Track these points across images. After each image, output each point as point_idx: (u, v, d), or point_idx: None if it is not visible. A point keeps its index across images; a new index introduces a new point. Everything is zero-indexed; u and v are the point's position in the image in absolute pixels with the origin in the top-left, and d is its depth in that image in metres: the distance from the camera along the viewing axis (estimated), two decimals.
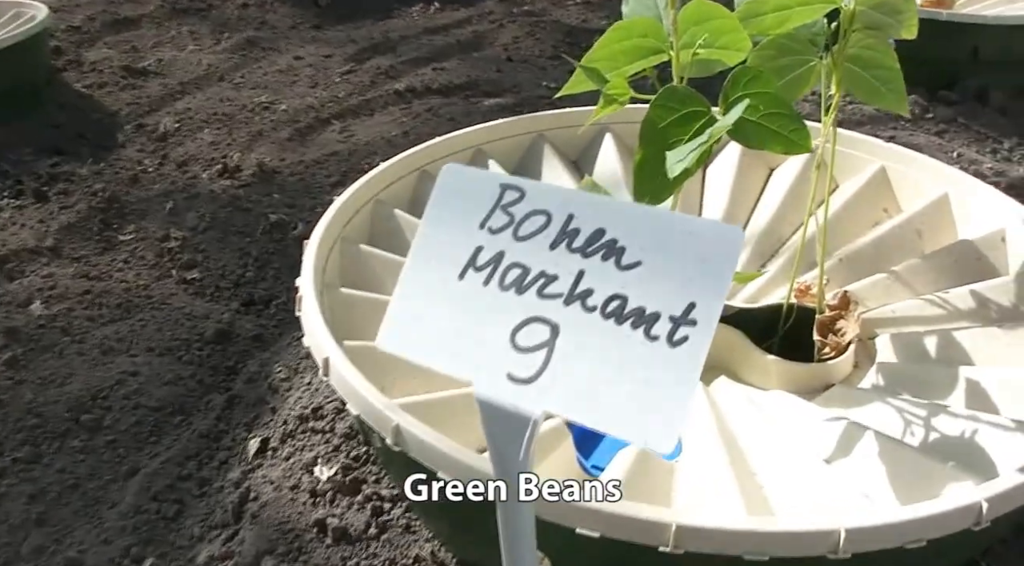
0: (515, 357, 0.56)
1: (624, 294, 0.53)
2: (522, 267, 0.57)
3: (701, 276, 0.51)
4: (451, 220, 0.60)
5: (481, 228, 0.59)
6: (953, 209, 1.31)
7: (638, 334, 0.52)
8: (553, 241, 0.56)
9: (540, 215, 0.57)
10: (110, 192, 1.93)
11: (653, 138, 0.88)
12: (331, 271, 1.14)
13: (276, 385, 1.32)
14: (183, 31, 3.05)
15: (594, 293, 0.54)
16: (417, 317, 0.60)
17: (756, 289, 1.23)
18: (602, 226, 0.55)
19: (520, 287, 0.56)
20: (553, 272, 0.56)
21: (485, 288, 0.58)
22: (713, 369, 1.10)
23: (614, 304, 0.53)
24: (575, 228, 0.55)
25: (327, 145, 2.08)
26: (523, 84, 2.35)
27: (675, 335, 0.51)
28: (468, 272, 0.59)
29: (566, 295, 0.55)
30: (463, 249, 0.59)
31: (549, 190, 0.57)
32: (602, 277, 0.54)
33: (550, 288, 0.55)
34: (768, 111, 0.92)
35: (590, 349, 0.53)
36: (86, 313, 1.60)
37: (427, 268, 0.60)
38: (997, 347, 1.07)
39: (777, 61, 1.11)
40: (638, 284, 0.53)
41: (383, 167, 1.31)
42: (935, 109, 2.30)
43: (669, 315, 0.51)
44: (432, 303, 0.60)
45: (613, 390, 0.52)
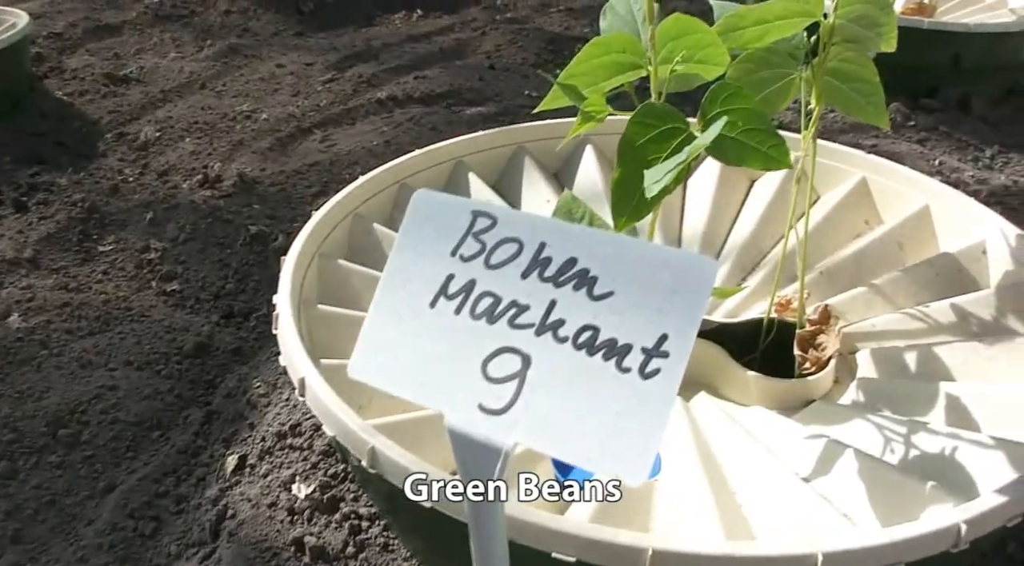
0: (486, 387, 0.55)
1: (596, 325, 0.52)
2: (493, 296, 0.56)
3: (673, 307, 0.50)
4: (422, 247, 0.59)
5: (452, 256, 0.58)
6: (934, 221, 1.31)
7: (610, 366, 0.51)
8: (525, 270, 0.55)
9: (512, 243, 0.56)
10: (90, 202, 1.91)
11: (631, 156, 0.87)
12: (309, 287, 1.13)
13: (255, 400, 1.31)
14: (165, 38, 3.04)
15: (566, 323, 0.53)
16: (388, 345, 0.59)
17: (737, 303, 1.23)
18: (574, 255, 0.54)
19: (491, 316, 0.56)
20: (525, 301, 0.55)
21: (456, 317, 0.57)
22: (693, 385, 1.09)
23: (586, 335, 0.52)
24: (547, 257, 0.55)
25: (308, 155, 2.07)
26: (505, 93, 2.34)
27: (647, 367, 0.50)
28: (439, 300, 0.58)
29: (537, 325, 0.54)
30: (434, 277, 0.58)
31: (521, 217, 0.56)
32: (574, 307, 0.53)
33: (522, 318, 0.55)
34: (747, 127, 0.91)
35: (562, 380, 0.53)
36: (65, 325, 1.59)
37: (398, 296, 0.60)
38: (978, 362, 1.06)
39: (757, 74, 1.10)
40: (610, 315, 0.52)
41: (362, 181, 1.30)
42: (917, 117, 2.30)
43: (641, 347, 0.51)
44: (403, 331, 0.59)
45: (584, 422, 0.51)
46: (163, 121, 2.33)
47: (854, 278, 1.24)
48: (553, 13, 3.08)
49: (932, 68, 2.39)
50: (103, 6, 3.41)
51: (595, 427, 0.51)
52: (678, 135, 0.88)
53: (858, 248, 1.28)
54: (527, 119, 1.57)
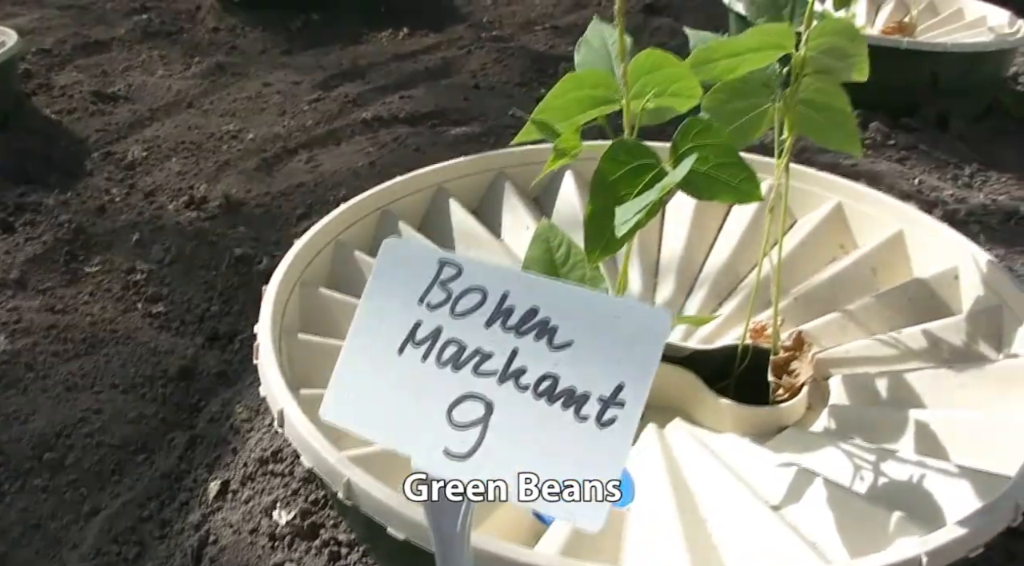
0: (451, 433, 0.57)
1: (556, 374, 0.54)
2: (459, 344, 0.58)
3: (629, 358, 0.52)
4: (391, 294, 0.61)
5: (420, 303, 0.60)
6: (908, 246, 1.33)
7: (568, 414, 0.53)
8: (488, 319, 0.57)
9: (476, 292, 0.58)
10: (77, 223, 1.92)
11: (603, 191, 0.89)
12: (290, 316, 1.15)
13: (237, 426, 1.33)
14: (153, 55, 3.05)
15: (527, 372, 0.55)
16: (359, 389, 0.61)
17: (713, 328, 1.25)
18: (536, 305, 0.56)
19: (456, 364, 0.57)
20: (488, 350, 0.57)
21: (423, 364, 0.59)
22: (669, 411, 1.11)
23: (546, 383, 0.54)
24: (510, 306, 0.57)
25: (293, 176, 2.09)
26: (490, 112, 2.36)
27: (604, 416, 0.52)
28: (407, 347, 0.60)
29: (500, 373, 0.56)
30: (402, 324, 0.60)
31: (485, 268, 0.58)
32: (535, 356, 0.55)
33: (485, 366, 0.57)
34: (718, 161, 0.93)
35: (523, 427, 0.54)
36: (51, 348, 1.60)
37: (368, 341, 0.61)
38: (947, 388, 1.09)
39: (731, 104, 1.12)
40: (569, 364, 0.54)
41: (343, 208, 1.31)
42: (896, 136, 2.32)
43: (598, 396, 0.52)
44: (373, 377, 0.61)
45: (544, 468, 0.53)
46: (150, 140, 2.35)
47: (828, 303, 1.26)
48: (538, 31, 3.10)
49: (911, 87, 2.41)
50: (92, 22, 3.42)
51: (554, 473, 0.53)
52: (649, 171, 0.90)
53: (832, 273, 1.30)
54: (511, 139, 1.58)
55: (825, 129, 1.13)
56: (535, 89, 2.59)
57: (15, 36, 2.49)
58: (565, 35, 3.04)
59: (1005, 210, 2.07)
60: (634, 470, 0.97)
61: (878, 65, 2.52)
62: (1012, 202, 2.12)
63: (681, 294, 1.32)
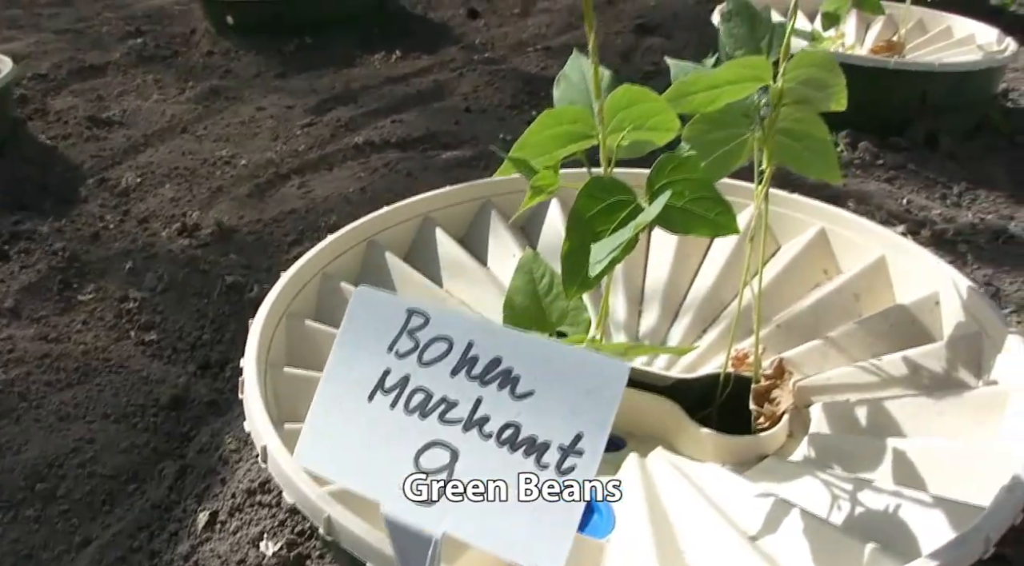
0: (418, 479, 0.58)
1: (518, 422, 0.55)
2: (425, 392, 0.59)
3: (587, 408, 0.53)
4: (362, 342, 0.62)
5: (389, 352, 0.61)
6: (890, 271, 1.34)
7: (529, 462, 0.54)
8: (454, 368, 0.58)
9: (443, 341, 0.59)
10: (71, 251, 1.94)
11: (580, 228, 0.90)
12: (277, 349, 1.16)
13: (226, 456, 1.34)
14: (148, 79, 3.07)
15: (491, 420, 0.56)
16: (331, 436, 0.62)
17: (697, 356, 1.26)
18: (499, 355, 0.57)
19: (424, 411, 0.59)
20: (454, 398, 0.58)
21: (392, 411, 0.60)
22: (652, 440, 1.12)
23: (508, 432, 0.55)
24: (474, 356, 0.58)
25: (286, 202, 2.10)
26: (481, 136, 2.38)
27: (563, 464, 0.53)
28: (377, 394, 0.61)
29: (465, 421, 0.57)
30: (372, 371, 0.61)
31: (451, 317, 0.60)
32: (498, 405, 0.56)
33: (451, 413, 0.58)
34: (694, 196, 0.94)
35: (486, 474, 0.56)
36: (44, 377, 1.61)
37: (339, 388, 0.63)
38: (927, 416, 1.10)
39: (711, 134, 1.13)
40: (531, 413, 0.55)
41: (330, 240, 1.33)
42: (885, 155, 2.34)
43: (558, 444, 0.54)
44: (344, 423, 0.62)
45: (506, 514, 0.54)
46: (144, 166, 2.36)
47: (811, 330, 1.27)
48: (530, 52, 3.12)
49: (899, 107, 2.43)
50: (88, 46, 3.45)
51: (515, 519, 0.54)
52: (625, 207, 0.91)
53: (815, 300, 1.31)
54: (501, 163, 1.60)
55: (805, 158, 1.14)
56: (526, 111, 2.61)
57: (10, 63, 2.52)
58: (557, 56, 3.06)
59: (993, 229, 2.07)
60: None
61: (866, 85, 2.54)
62: (1000, 221, 2.12)
63: (666, 321, 1.34)
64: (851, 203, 2.10)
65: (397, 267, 1.35)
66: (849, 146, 2.39)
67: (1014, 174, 2.41)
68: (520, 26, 3.46)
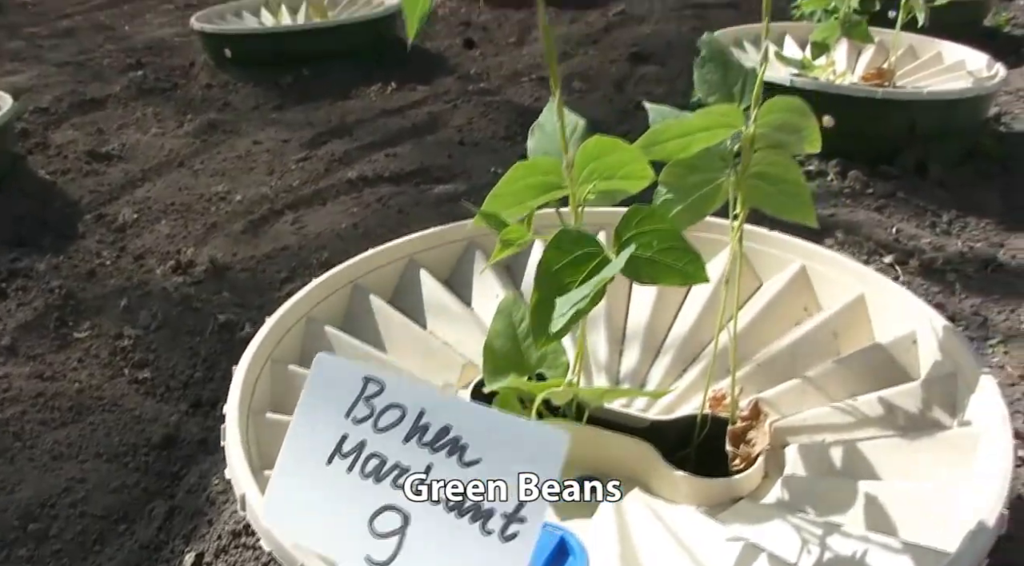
0: (373, 541, 0.60)
1: (465, 489, 0.57)
2: (380, 457, 0.61)
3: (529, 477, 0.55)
4: (321, 408, 0.64)
5: (346, 417, 0.63)
6: (870, 309, 1.35)
7: (475, 528, 0.56)
8: (407, 434, 0.60)
9: (396, 409, 0.61)
10: (67, 288, 1.97)
11: (548, 280, 0.92)
12: (260, 394, 1.18)
13: (214, 497, 1.36)
14: (147, 113, 3.11)
15: (440, 486, 0.58)
16: (293, 496, 0.64)
17: (676, 396, 1.27)
18: (448, 423, 0.59)
19: (378, 476, 0.61)
20: (406, 464, 0.60)
21: (348, 475, 0.62)
22: (629, 482, 1.13)
23: (456, 498, 0.57)
24: (426, 423, 0.60)
25: (279, 238, 2.13)
26: (473, 170, 2.40)
27: (507, 530, 0.55)
28: (335, 458, 0.63)
29: (416, 486, 0.59)
30: (331, 436, 0.63)
31: (404, 386, 0.62)
32: (447, 472, 0.58)
33: (403, 479, 0.60)
34: (662, 246, 0.96)
35: (435, 538, 0.57)
36: (39, 416, 1.63)
37: (301, 451, 0.65)
38: (901, 459, 1.11)
39: (688, 179, 1.15)
40: (477, 480, 0.57)
41: (315, 284, 1.35)
42: (875, 184, 2.35)
43: (502, 512, 0.55)
44: (305, 484, 0.64)
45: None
46: (141, 202, 2.39)
47: (789, 369, 1.28)
48: (525, 82, 3.15)
49: (889, 136, 2.45)
50: (89, 78, 3.50)
51: None
52: (593, 259, 0.93)
53: (794, 338, 1.33)
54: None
55: (779, 201, 1.15)
56: (519, 143, 2.63)
57: (10, 101, 2.55)
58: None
59: (982, 257, 2.09)
60: (589, 542, 0.99)
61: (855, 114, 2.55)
62: (990, 249, 2.14)
63: (646, 361, 1.35)
64: (839, 233, 2.11)
65: (382, 310, 1.37)
66: (839, 175, 2.41)
67: (1006, 200, 2.42)
68: (515, 55, 3.49)
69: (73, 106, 3.20)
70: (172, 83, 3.36)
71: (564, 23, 4.09)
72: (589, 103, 2.92)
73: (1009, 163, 2.60)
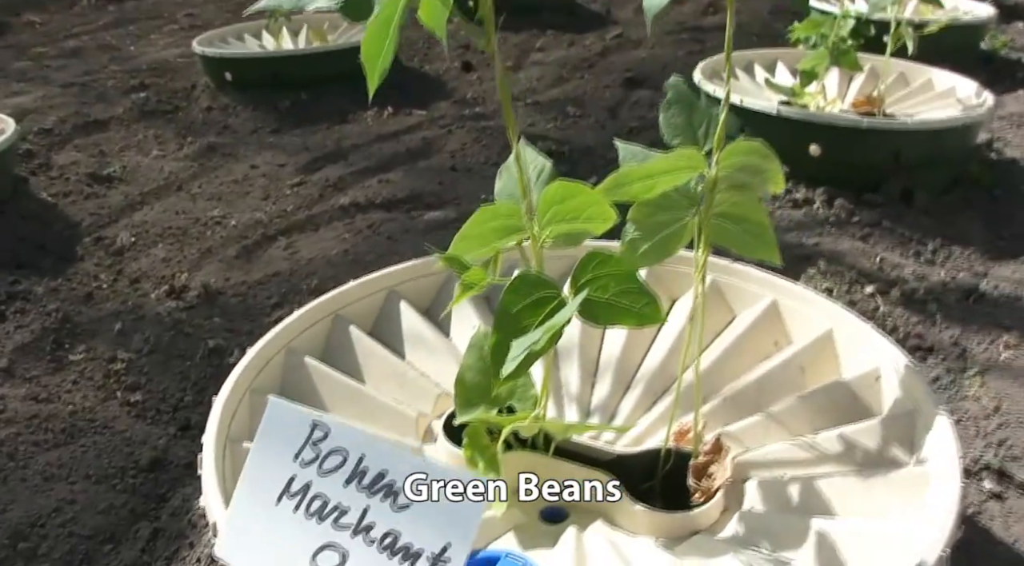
0: None
1: (397, 531, 0.61)
2: (323, 498, 0.65)
3: (454, 522, 0.59)
4: (274, 449, 0.68)
5: (295, 460, 0.67)
6: (837, 344, 1.39)
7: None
8: (347, 478, 0.64)
9: (339, 454, 0.65)
10: (64, 311, 2.01)
11: (506, 322, 0.96)
12: (239, 423, 1.22)
13: (195, 521, 1.40)
14: (149, 135, 3.16)
15: (375, 527, 0.62)
16: (245, 532, 0.68)
17: (644, 429, 1.31)
18: (384, 469, 0.63)
19: (321, 516, 0.65)
20: (347, 505, 0.64)
21: (295, 514, 0.66)
22: (594, 513, 1.17)
23: (389, 539, 0.61)
24: (364, 468, 0.64)
25: (271, 263, 2.17)
26: (464, 196, 2.45)
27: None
28: (283, 498, 0.67)
29: (354, 527, 0.63)
30: (280, 476, 0.68)
31: (347, 432, 0.66)
32: (382, 514, 0.62)
33: (343, 519, 0.64)
34: (619, 289, 0.99)
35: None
36: (32, 437, 1.67)
37: (253, 490, 0.69)
38: (856, 495, 1.14)
39: (654, 217, 1.18)
40: (408, 523, 0.61)
41: (297, 315, 1.39)
42: (861, 212, 2.38)
43: (429, 553, 0.59)
44: (256, 521, 0.68)
45: None
46: (139, 225, 2.44)
47: (755, 403, 1.32)
48: (520, 107, 3.20)
49: (874, 165, 2.48)
50: (93, 100, 3.55)
51: None
52: (551, 302, 0.97)
53: (762, 373, 1.36)
54: None
55: (743, 240, 1.18)
56: None
57: (12, 124, 2.60)
58: (545, 111, 3.14)
59: (964, 287, 2.11)
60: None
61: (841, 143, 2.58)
62: (972, 279, 2.16)
63: (617, 393, 1.39)
64: (822, 262, 2.14)
65: (361, 340, 1.41)
66: (825, 203, 2.44)
67: (991, 228, 2.45)
68: (512, 79, 3.54)
69: (77, 128, 3.26)
70: (174, 105, 3.42)
71: (563, 46, 4.14)
72: (581, 129, 2.96)
73: (997, 190, 2.62)
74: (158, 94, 3.53)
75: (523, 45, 4.16)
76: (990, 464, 1.55)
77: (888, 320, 1.95)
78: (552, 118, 3.06)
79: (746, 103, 2.54)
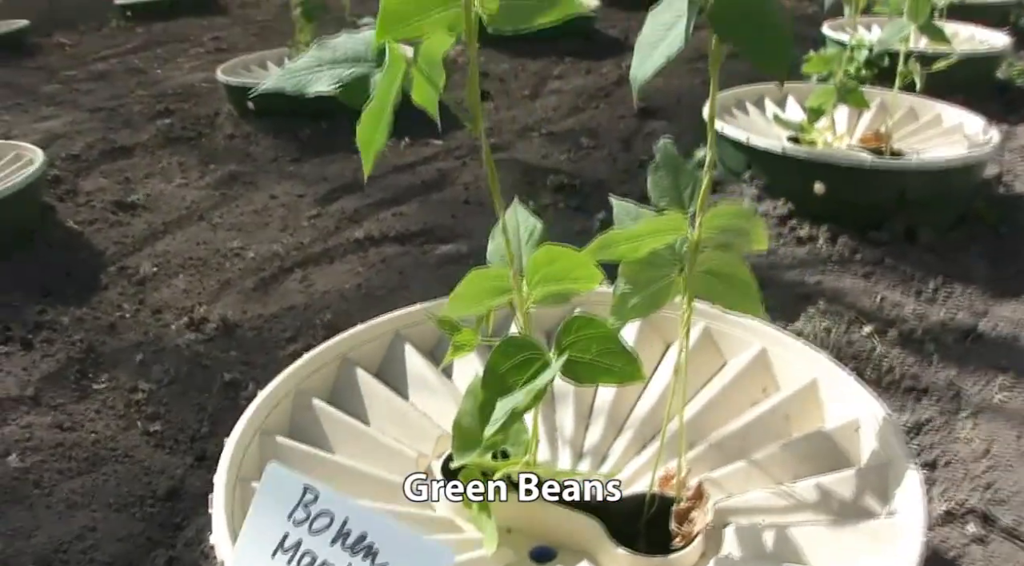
0: None
1: None
2: (312, 556, 0.73)
3: None
4: (269, 509, 0.76)
5: (288, 519, 0.75)
6: (822, 393, 1.45)
7: None
8: (333, 538, 0.72)
9: (326, 515, 0.73)
10: (88, 341, 2.10)
11: (494, 381, 1.03)
12: (249, 464, 1.29)
13: (208, 551, 1.47)
14: (173, 162, 3.26)
15: None
16: None
17: (632, 472, 1.37)
18: (365, 531, 0.70)
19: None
20: (332, 562, 0.71)
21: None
22: (581, 555, 1.23)
23: None
24: (348, 530, 0.71)
25: (287, 296, 2.25)
26: (475, 231, 2.52)
27: None
28: (278, 554, 0.74)
29: None
30: (276, 533, 0.75)
31: (334, 496, 0.73)
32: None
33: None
34: (601, 349, 1.06)
35: None
36: (57, 465, 1.75)
37: (252, 545, 0.76)
38: (828, 544, 1.20)
39: (643, 274, 1.25)
40: None
41: (306, 358, 1.46)
42: (863, 250, 2.42)
43: None
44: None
45: None
46: (161, 255, 2.53)
47: (741, 450, 1.38)
48: (534, 137, 3.27)
49: (879, 202, 2.53)
50: (119, 125, 3.65)
51: None
52: (535, 362, 1.04)
53: (747, 420, 1.42)
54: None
55: (729, 296, 1.24)
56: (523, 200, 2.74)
57: (40, 155, 2.69)
58: (559, 142, 3.21)
59: (963, 327, 2.15)
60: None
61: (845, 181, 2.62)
62: (972, 318, 2.19)
63: (608, 437, 1.45)
64: (822, 302, 2.18)
65: (367, 383, 1.48)
66: (829, 241, 2.48)
67: (995, 265, 2.47)
68: (528, 109, 3.61)
69: (103, 154, 3.35)
70: (197, 132, 3.51)
71: (580, 74, 4.22)
72: (594, 161, 3.03)
73: (1003, 227, 2.64)
74: (183, 120, 3.63)
75: (541, 73, 4.24)
76: (975, 508, 1.59)
77: (884, 361, 1.99)
78: (566, 150, 3.14)
79: (752, 141, 2.60)
